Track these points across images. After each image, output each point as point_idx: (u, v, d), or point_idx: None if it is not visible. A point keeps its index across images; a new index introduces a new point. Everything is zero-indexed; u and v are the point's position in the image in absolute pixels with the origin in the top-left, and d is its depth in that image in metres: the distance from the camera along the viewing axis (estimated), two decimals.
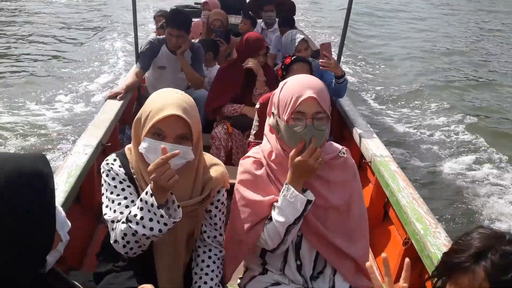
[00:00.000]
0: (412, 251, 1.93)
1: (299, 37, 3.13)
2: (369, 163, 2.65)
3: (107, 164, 1.41)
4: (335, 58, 3.76)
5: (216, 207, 1.50)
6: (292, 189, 1.34)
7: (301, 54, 2.99)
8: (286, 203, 1.35)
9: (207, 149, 2.88)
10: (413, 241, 1.92)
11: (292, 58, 2.63)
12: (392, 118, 5.78)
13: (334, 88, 2.95)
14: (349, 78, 7.39)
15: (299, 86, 1.36)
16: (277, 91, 1.44)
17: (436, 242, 1.77)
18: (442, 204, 3.94)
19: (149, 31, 7.45)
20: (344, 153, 1.49)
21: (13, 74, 6.42)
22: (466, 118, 5.76)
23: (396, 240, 2.31)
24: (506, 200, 4.07)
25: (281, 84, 1.45)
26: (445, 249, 1.71)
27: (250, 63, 2.87)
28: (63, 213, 1.03)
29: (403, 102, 6.44)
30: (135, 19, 3.44)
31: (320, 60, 2.84)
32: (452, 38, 10.77)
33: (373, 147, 2.71)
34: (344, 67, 7.29)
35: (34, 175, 0.87)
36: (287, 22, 4.40)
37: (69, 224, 1.04)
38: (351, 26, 11.01)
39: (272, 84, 2.84)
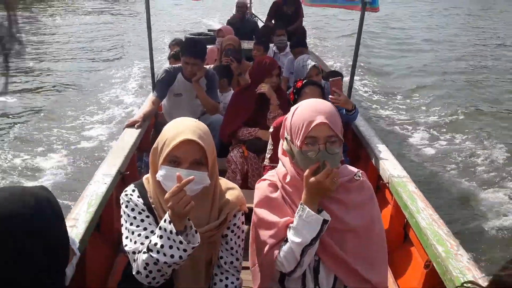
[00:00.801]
0: (433, 274, 1.89)
1: (310, 63, 3.17)
2: (387, 184, 2.62)
3: (126, 195, 1.43)
4: (346, 90, 3.81)
5: (232, 231, 1.50)
6: (308, 209, 1.33)
7: None
8: (302, 223, 1.34)
9: (223, 173, 2.89)
10: (434, 264, 1.87)
11: (304, 82, 2.66)
12: (409, 136, 5.72)
13: (344, 117, 2.95)
14: (363, 93, 7.43)
15: (310, 111, 1.38)
16: (288, 116, 1.46)
17: (458, 265, 1.73)
18: (462, 226, 3.84)
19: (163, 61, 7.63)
20: (359, 176, 1.48)
21: (27, 105, 6.54)
22: (487, 142, 5.55)
23: (417, 262, 2.26)
24: None
25: (292, 109, 1.47)
26: (468, 273, 1.68)
27: (263, 88, 2.91)
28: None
29: (420, 119, 6.38)
30: (151, 48, 3.54)
31: (330, 97, 2.85)
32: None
33: (390, 167, 2.68)
34: (357, 82, 7.38)
35: (44, 198, 0.97)
36: (300, 42, 4.46)
37: (76, 241, 1.14)
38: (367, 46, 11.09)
39: (285, 107, 2.87)
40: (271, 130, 2.66)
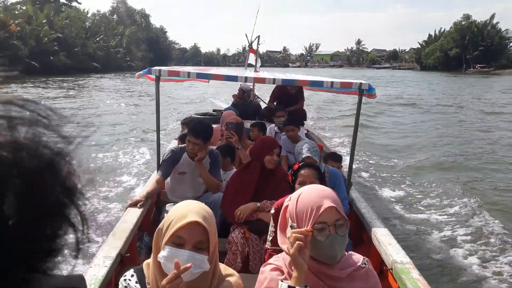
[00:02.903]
0: None
1: (305, 154, 3.20)
2: (391, 270, 2.58)
3: (125, 280, 1.45)
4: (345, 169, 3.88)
5: None
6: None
7: None
8: None
9: (223, 254, 2.85)
10: None
11: (300, 164, 2.70)
12: (410, 218, 5.64)
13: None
14: (364, 173, 7.45)
15: (315, 197, 1.41)
16: (291, 203, 1.47)
17: None
18: None
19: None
20: (365, 263, 1.48)
21: None
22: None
23: None
24: None
25: (293, 196, 1.49)
26: None
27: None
28: None
29: (421, 200, 6.33)
30: (158, 129, 3.69)
31: None
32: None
33: (393, 252, 2.66)
34: (356, 161, 7.46)
35: None
36: (291, 121, 4.52)
37: None
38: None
39: (285, 187, 2.89)
40: (272, 211, 2.66)
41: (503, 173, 7.76)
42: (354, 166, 4.12)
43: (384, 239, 2.85)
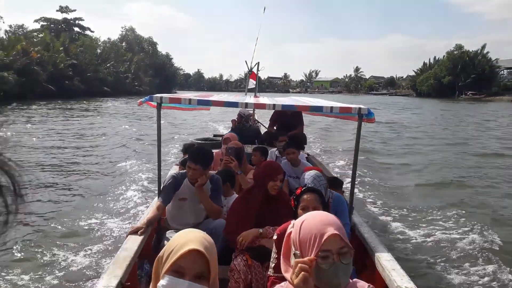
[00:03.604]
0: None
1: (308, 183, 3.08)
2: None
3: None
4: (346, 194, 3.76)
5: None
6: None
7: None
8: None
9: (225, 282, 2.70)
10: None
11: (303, 189, 2.61)
12: (414, 242, 5.45)
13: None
14: (365, 198, 7.28)
15: (318, 224, 1.35)
16: (294, 231, 1.41)
17: None
18: None
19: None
20: None
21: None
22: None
23: None
24: None
25: (296, 223, 1.42)
26: None
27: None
28: None
29: (425, 223, 6.14)
30: (159, 154, 3.59)
31: None
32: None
33: (397, 278, 2.55)
34: (357, 184, 7.33)
35: None
36: (290, 144, 4.45)
37: None
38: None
39: (288, 212, 2.77)
40: (274, 237, 2.54)
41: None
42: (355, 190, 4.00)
43: (387, 264, 2.75)
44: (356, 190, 4.79)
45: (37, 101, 31.89)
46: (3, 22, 35.49)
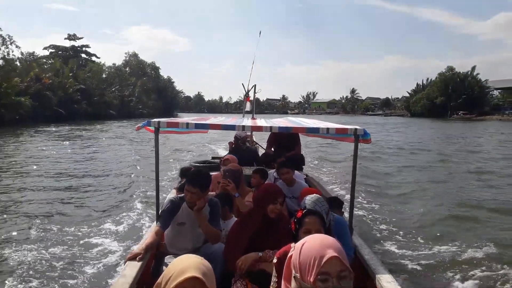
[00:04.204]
0: None
1: (307, 208, 2.99)
2: None
3: None
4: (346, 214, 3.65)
5: None
6: None
7: None
8: None
9: None
10: None
11: (303, 212, 2.52)
12: (415, 262, 5.27)
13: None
14: (367, 220, 7.10)
15: (319, 246, 1.30)
16: (295, 254, 1.35)
17: None
18: None
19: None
20: None
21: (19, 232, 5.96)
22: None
23: None
24: None
25: (297, 246, 1.36)
26: None
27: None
28: None
29: (427, 243, 5.95)
30: (157, 179, 3.49)
31: None
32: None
33: None
34: (358, 206, 7.17)
35: None
36: (285, 164, 4.35)
37: None
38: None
39: (288, 235, 2.67)
40: (274, 261, 2.43)
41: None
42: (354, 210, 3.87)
43: (389, 286, 2.64)
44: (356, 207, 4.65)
45: (48, 123, 32.80)
46: (20, 50, 36.64)
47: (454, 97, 67.29)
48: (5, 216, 6.82)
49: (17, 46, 36.55)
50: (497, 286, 4.55)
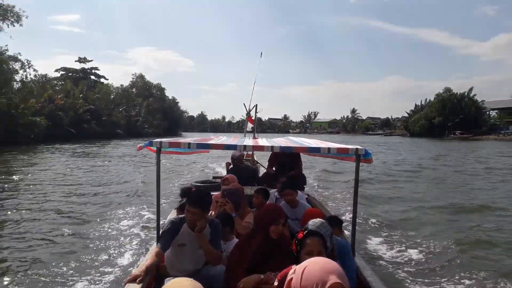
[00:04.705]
0: None
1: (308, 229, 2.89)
2: None
3: None
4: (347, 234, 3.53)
5: None
6: None
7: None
8: None
9: None
10: None
11: (304, 233, 2.42)
12: (418, 283, 5.08)
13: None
14: (369, 242, 6.89)
15: (321, 272, 1.26)
16: (296, 277, 1.31)
17: None
18: None
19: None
20: None
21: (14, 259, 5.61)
22: None
23: None
24: None
25: (298, 270, 1.32)
26: None
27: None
28: None
29: (430, 265, 5.73)
30: (158, 198, 3.41)
31: None
32: None
33: None
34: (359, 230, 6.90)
35: None
36: (286, 185, 4.24)
37: None
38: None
39: (290, 257, 2.56)
40: (276, 283, 2.32)
41: None
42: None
43: None
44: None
45: (61, 142, 33.72)
46: (36, 73, 37.77)
47: (451, 117, 67.43)
48: None
49: (34, 70, 37.83)
50: None
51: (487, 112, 71.08)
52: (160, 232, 3.21)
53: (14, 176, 13.36)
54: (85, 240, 6.50)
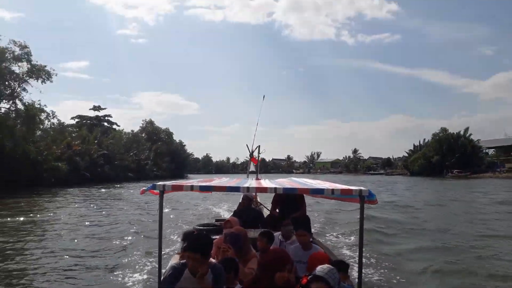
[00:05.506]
0: None
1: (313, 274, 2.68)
2: None
3: None
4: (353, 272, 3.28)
5: None
6: None
7: None
8: None
9: None
10: None
11: (309, 278, 2.23)
12: None
13: None
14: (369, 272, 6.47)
15: None
16: None
17: None
18: None
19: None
20: None
21: None
22: None
23: None
24: None
25: None
26: None
27: None
28: None
29: None
30: (160, 243, 3.22)
31: None
32: None
33: None
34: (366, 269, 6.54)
35: None
36: (299, 224, 4.13)
37: None
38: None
39: None
40: None
41: None
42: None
43: None
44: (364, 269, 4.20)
45: (78, 185, 34.70)
46: (57, 119, 38.91)
47: (448, 157, 67.10)
48: None
49: (58, 120, 39.12)
50: None
51: (484, 150, 70.77)
52: (161, 278, 2.99)
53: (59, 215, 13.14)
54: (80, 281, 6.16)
